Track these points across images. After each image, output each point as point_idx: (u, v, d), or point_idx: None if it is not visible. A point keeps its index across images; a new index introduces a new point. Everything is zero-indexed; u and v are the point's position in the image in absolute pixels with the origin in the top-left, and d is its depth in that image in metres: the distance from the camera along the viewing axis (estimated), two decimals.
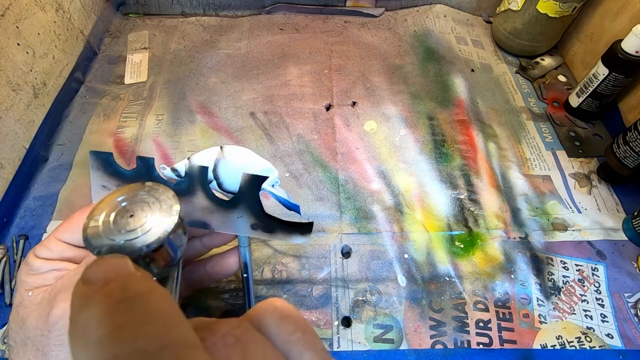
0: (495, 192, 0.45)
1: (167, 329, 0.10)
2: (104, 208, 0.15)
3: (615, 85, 0.47)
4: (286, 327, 0.12)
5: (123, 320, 0.10)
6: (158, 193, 0.16)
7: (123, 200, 0.15)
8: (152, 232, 0.14)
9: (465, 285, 0.38)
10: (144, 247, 0.14)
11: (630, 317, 0.37)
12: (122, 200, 0.15)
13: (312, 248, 0.40)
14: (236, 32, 0.63)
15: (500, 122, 0.53)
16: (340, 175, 0.46)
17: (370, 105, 0.53)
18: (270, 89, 0.55)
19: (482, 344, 0.35)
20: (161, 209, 0.15)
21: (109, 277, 0.11)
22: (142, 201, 0.15)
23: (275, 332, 0.12)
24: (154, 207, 0.15)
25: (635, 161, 0.41)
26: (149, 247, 0.14)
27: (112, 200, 0.15)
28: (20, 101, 0.44)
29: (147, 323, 0.10)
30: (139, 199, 0.16)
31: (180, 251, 0.17)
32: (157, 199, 0.15)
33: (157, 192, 0.16)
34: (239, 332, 0.12)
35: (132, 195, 0.16)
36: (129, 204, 0.15)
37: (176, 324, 0.10)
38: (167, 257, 0.16)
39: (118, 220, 0.15)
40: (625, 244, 0.42)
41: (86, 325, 0.10)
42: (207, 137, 0.49)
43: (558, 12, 0.53)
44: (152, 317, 0.10)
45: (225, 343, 0.11)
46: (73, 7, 0.54)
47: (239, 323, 0.12)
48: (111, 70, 0.57)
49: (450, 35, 0.64)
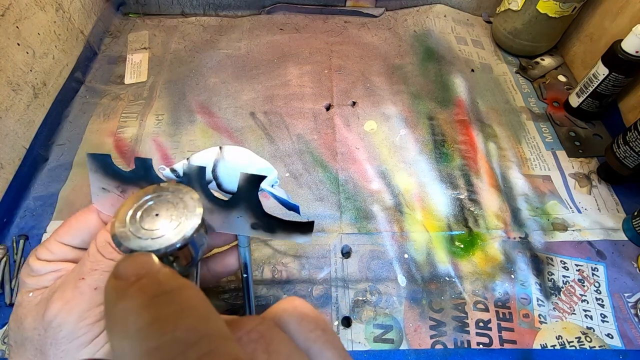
0: (495, 192, 0.45)
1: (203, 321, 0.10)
2: (130, 207, 0.16)
3: (615, 85, 0.47)
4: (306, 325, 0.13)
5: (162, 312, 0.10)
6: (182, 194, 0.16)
7: (149, 200, 0.16)
8: (177, 231, 0.15)
9: (465, 285, 0.38)
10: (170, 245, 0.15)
11: (630, 317, 0.37)
12: (148, 200, 0.16)
13: (312, 248, 0.40)
14: (236, 32, 0.63)
15: (500, 122, 0.53)
16: (340, 175, 0.46)
17: (370, 105, 0.53)
18: (270, 89, 0.55)
19: (482, 344, 0.35)
20: (185, 209, 0.16)
21: (140, 272, 0.12)
22: (167, 201, 0.16)
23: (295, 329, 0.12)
24: (178, 207, 0.16)
25: (635, 161, 0.41)
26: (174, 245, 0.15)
27: (138, 199, 0.16)
28: (20, 101, 0.44)
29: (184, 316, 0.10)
30: (164, 199, 0.16)
31: (201, 250, 0.17)
32: (182, 200, 0.16)
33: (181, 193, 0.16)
34: (263, 328, 0.12)
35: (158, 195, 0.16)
36: (155, 204, 0.16)
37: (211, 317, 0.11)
38: (189, 256, 0.16)
39: (145, 219, 0.15)
40: (625, 244, 0.42)
41: (124, 317, 0.10)
42: (207, 137, 0.49)
43: (558, 12, 0.53)
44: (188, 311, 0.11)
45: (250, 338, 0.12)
46: (73, 7, 0.54)
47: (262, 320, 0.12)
48: (111, 70, 0.57)
49: (450, 35, 0.64)
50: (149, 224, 0.15)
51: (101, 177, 0.22)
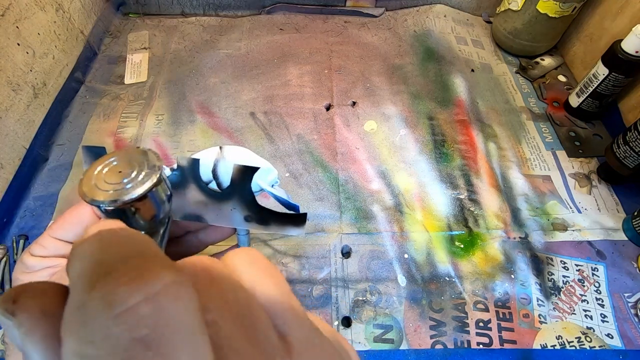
0: (495, 192, 0.45)
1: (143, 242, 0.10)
2: (97, 166, 0.18)
3: (615, 85, 0.47)
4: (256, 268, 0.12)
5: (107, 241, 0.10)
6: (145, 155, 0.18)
7: (114, 161, 0.18)
8: (136, 184, 0.17)
9: (465, 285, 0.38)
10: (129, 196, 0.17)
11: (630, 317, 0.37)
12: (113, 160, 0.18)
13: (312, 248, 0.40)
14: (236, 32, 0.63)
15: (500, 122, 0.53)
16: (340, 175, 0.46)
17: (370, 105, 0.53)
18: (270, 89, 0.55)
19: (482, 344, 0.35)
20: (147, 167, 0.18)
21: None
22: (130, 160, 0.18)
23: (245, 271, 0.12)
24: (141, 165, 0.18)
25: (635, 161, 0.41)
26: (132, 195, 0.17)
27: (105, 160, 0.18)
28: (20, 101, 0.44)
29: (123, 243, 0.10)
30: (128, 158, 0.18)
31: (163, 209, 0.19)
32: (145, 159, 0.18)
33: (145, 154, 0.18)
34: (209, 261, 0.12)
35: (122, 156, 0.18)
36: (119, 163, 0.18)
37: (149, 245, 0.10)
38: (151, 210, 0.18)
39: (108, 175, 0.17)
40: (625, 244, 0.42)
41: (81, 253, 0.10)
42: (207, 137, 0.49)
43: (558, 12, 0.53)
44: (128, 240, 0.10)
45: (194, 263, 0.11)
46: (73, 7, 0.54)
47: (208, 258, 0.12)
48: (111, 70, 0.57)
49: (450, 35, 0.64)
50: (111, 178, 0.17)
51: None
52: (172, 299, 0.08)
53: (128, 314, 0.07)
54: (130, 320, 0.07)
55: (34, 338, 0.09)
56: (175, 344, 0.07)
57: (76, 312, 0.07)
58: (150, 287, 0.08)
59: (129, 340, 0.07)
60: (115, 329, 0.07)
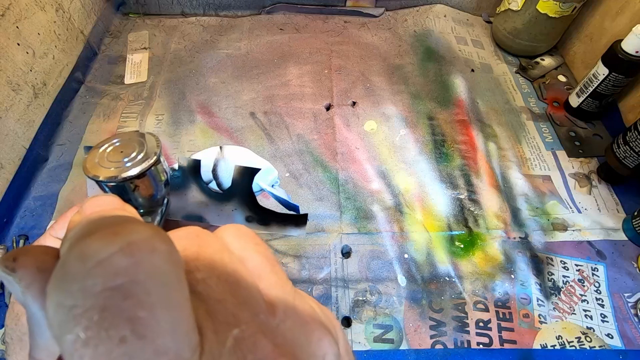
0: (495, 192, 0.45)
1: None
2: (101, 146, 0.19)
3: (615, 85, 0.47)
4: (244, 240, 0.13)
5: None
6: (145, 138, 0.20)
7: (116, 142, 0.19)
8: (136, 162, 0.18)
9: (465, 285, 0.38)
10: (129, 173, 0.18)
11: (630, 317, 0.37)
12: (116, 142, 0.19)
13: (312, 248, 0.40)
14: (236, 32, 0.63)
15: (500, 122, 0.53)
16: (340, 175, 0.46)
17: (370, 105, 0.53)
18: (270, 89, 0.55)
19: (482, 344, 0.35)
20: (146, 148, 0.19)
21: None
22: (131, 142, 0.19)
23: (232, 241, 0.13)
24: (141, 146, 0.19)
25: (635, 161, 0.41)
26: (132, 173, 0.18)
27: (109, 141, 0.19)
28: (20, 101, 0.44)
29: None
30: (130, 140, 0.20)
31: (160, 188, 0.20)
32: (145, 141, 0.19)
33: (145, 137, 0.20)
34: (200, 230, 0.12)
35: (124, 138, 0.20)
36: (121, 144, 0.19)
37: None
38: (149, 188, 0.19)
39: (111, 154, 0.19)
40: (625, 244, 0.42)
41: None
42: (207, 137, 0.49)
43: (558, 12, 0.53)
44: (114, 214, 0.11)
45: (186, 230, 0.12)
46: (73, 7, 0.54)
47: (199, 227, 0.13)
48: (111, 70, 0.57)
49: (450, 35, 0.64)
50: (114, 157, 0.19)
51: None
52: (148, 251, 0.08)
53: (102, 265, 0.08)
54: (104, 271, 0.08)
55: (33, 292, 0.10)
56: (150, 290, 0.08)
57: (58, 268, 0.08)
58: (124, 239, 0.08)
59: (103, 289, 0.07)
60: (90, 279, 0.08)
